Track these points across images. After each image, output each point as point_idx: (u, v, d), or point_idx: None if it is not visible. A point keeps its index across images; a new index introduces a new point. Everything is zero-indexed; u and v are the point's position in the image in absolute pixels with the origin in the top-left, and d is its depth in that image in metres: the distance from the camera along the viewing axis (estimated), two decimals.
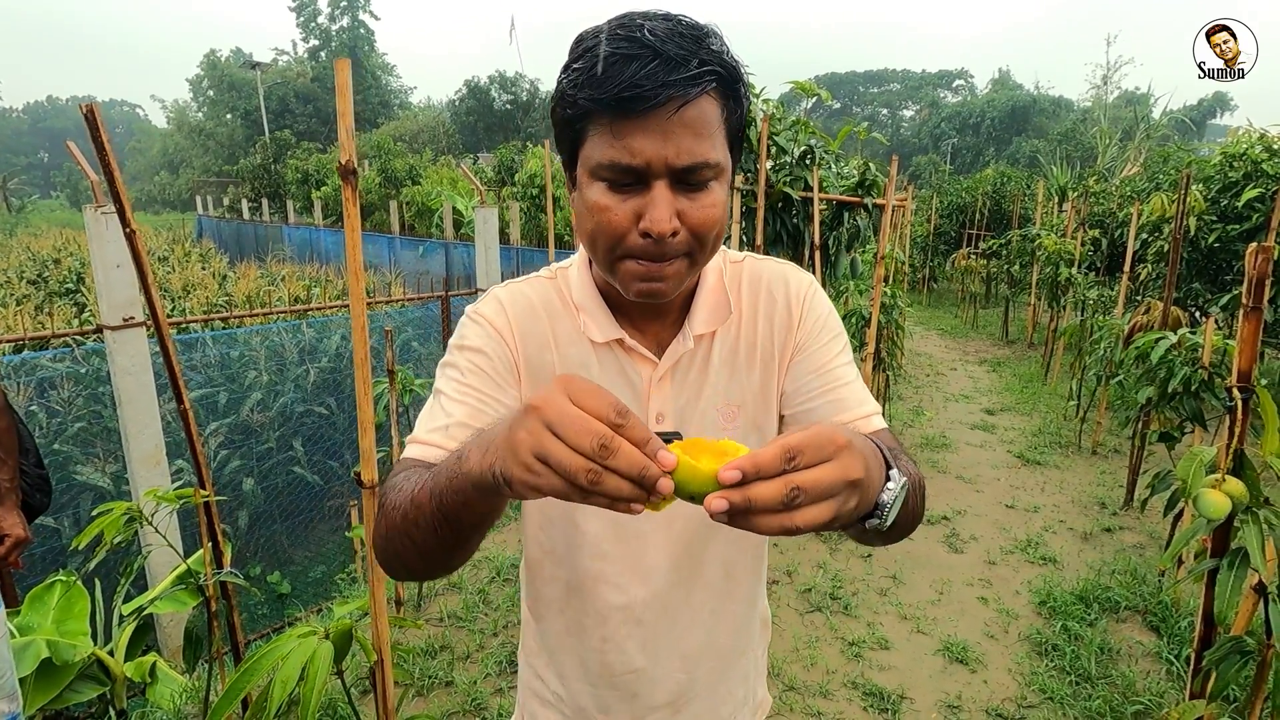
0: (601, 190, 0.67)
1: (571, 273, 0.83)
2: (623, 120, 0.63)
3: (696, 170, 0.65)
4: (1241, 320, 1.43)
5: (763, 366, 0.84)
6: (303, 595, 4.58)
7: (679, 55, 0.62)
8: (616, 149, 0.64)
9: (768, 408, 0.85)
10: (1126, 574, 3.25)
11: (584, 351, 0.81)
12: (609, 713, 0.91)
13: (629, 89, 0.61)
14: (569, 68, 0.66)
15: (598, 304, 0.80)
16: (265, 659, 1.21)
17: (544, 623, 0.93)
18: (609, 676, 0.89)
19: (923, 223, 13.50)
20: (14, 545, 1.50)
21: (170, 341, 1.76)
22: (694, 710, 0.93)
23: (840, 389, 0.81)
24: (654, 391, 0.81)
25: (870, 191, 4.26)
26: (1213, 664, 1.48)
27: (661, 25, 0.63)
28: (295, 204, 23.24)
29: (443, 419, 0.74)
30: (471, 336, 0.79)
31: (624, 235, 0.68)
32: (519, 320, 0.80)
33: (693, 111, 0.63)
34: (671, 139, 0.63)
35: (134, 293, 3.03)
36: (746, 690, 0.99)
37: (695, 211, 0.67)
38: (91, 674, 2.01)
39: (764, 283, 0.84)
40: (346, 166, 1.05)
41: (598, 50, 0.63)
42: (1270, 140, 5.49)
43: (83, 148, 2.17)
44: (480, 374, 0.77)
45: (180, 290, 8.53)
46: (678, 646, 0.88)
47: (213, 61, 46.05)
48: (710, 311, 0.81)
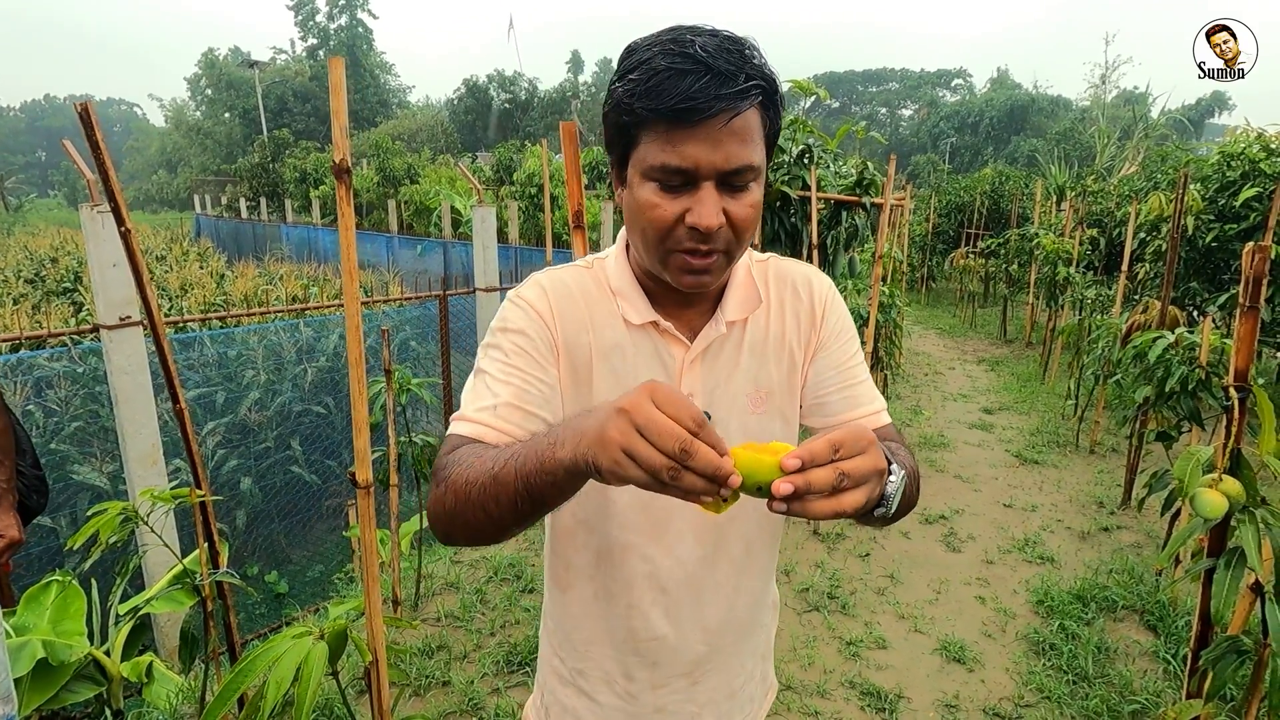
0: (653, 190, 0.74)
1: (609, 262, 0.89)
2: (677, 129, 0.70)
3: (741, 173, 0.73)
4: (1238, 319, 1.43)
5: (789, 358, 0.91)
6: (300, 595, 4.58)
7: (728, 70, 0.69)
8: (669, 154, 0.71)
9: (792, 398, 0.92)
10: (1124, 573, 3.25)
11: (619, 334, 0.86)
12: (632, 679, 0.96)
13: (684, 101, 0.68)
14: (624, 77, 0.73)
15: (635, 290, 0.86)
16: (260, 659, 1.20)
17: (571, 591, 0.96)
18: (633, 643, 0.93)
19: (921, 222, 13.50)
20: (8, 546, 1.49)
21: (165, 340, 1.76)
22: (710, 682, 0.98)
23: (856, 386, 0.91)
24: (686, 372, 0.86)
25: (868, 191, 4.25)
26: (1209, 663, 1.48)
27: (711, 41, 0.70)
28: (293, 203, 23.21)
29: (489, 399, 0.80)
30: (514, 319, 0.84)
31: (672, 230, 0.75)
32: (558, 303, 0.85)
33: (739, 121, 0.70)
34: (720, 146, 0.70)
35: (131, 292, 3.02)
36: (755, 665, 1.04)
37: (737, 210, 0.74)
38: (88, 674, 2.01)
39: (789, 281, 0.92)
40: (340, 165, 1.05)
41: (653, 63, 0.70)
42: (1268, 140, 5.50)
43: (79, 146, 2.16)
44: (523, 354, 0.82)
45: (178, 289, 8.52)
46: (700, 617, 0.93)
47: (211, 60, 45.94)
48: (741, 300, 0.88)
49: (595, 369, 0.86)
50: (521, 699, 2.43)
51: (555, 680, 1.02)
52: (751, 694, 1.05)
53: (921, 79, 62.72)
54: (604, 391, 0.85)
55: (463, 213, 15.70)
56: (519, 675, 2.55)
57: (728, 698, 1.00)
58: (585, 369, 0.86)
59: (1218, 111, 38.35)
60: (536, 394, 0.81)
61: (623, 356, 0.86)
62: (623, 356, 0.86)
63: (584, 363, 0.86)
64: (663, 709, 0.97)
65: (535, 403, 0.81)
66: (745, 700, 1.04)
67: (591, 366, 0.86)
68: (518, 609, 2.96)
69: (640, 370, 0.86)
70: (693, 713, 0.98)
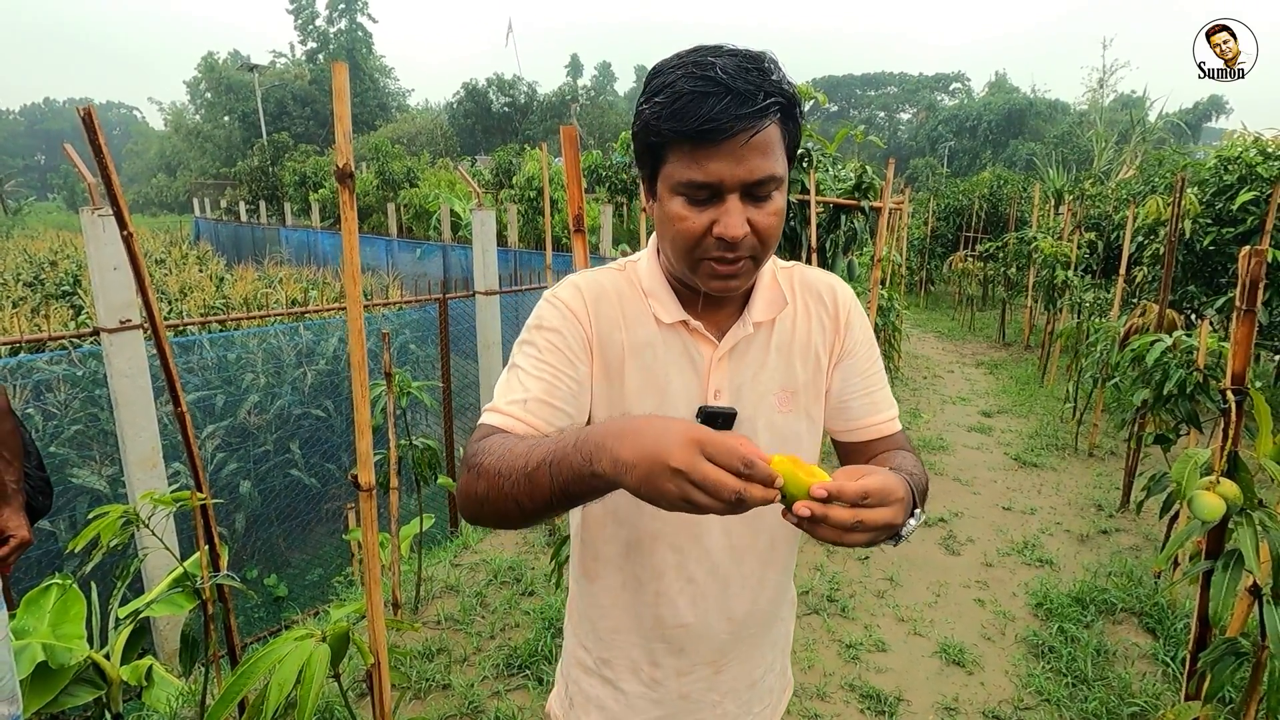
0: (681, 203, 0.79)
1: (641, 265, 0.94)
2: (701, 147, 0.75)
3: (764, 184, 0.77)
4: (1236, 323, 1.44)
5: (814, 360, 0.95)
6: (299, 598, 4.58)
7: (747, 90, 0.73)
8: (695, 170, 0.76)
9: (817, 399, 0.96)
10: (1123, 576, 3.26)
11: (651, 332, 0.90)
12: (658, 666, 0.99)
13: (707, 123, 0.72)
14: (651, 100, 0.78)
15: (666, 291, 0.90)
16: (262, 662, 1.21)
17: (599, 581, 1.00)
18: (660, 630, 0.97)
19: (920, 225, 13.52)
20: (18, 547, 1.50)
21: (167, 344, 1.76)
22: (732, 670, 1.01)
23: (876, 393, 0.97)
24: (714, 370, 0.90)
25: (867, 194, 4.27)
26: (1208, 666, 1.48)
27: (730, 62, 0.74)
28: (293, 206, 23.22)
29: (520, 393, 0.84)
30: (549, 318, 0.89)
31: (700, 240, 0.80)
32: (593, 302, 0.90)
33: (760, 137, 0.75)
34: (743, 162, 0.75)
35: (131, 295, 3.02)
36: (776, 657, 1.08)
37: (762, 219, 0.79)
38: (87, 677, 2.01)
39: (813, 288, 0.96)
40: (343, 170, 1.05)
41: (677, 86, 0.74)
42: (1265, 144, 5.51)
43: (80, 150, 2.17)
44: (556, 351, 0.87)
45: (177, 292, 8.52)
46: (726, 607, 0.97)
47: (210, 64, 45.99)
48: (768, 302, 0.92)
49: (627, 365, 0.90)
50: (522, 702, 2.43)
51: (580, 671, 1.05)
52: (771, 685, 1.08)
53: (920, 83, 62.84)
54: (635, 387, 0.90)
55: (462, 216, 15.71)
56: (519, 679, 2.55)
57: (749, 687, 1.04)
58: (618, 365, 0.90)
59: (1215, 115, 38.44)
60: (565, 390, 0.86)
61: (654, 354, 0.90)
62: (654, 354, 0.90)
63: (616, 359, 0.90)
64: (687, 696, 1.00)
65: (563, 398, 0.85)
66: (765, 691, 1.07)
67: (624, 363, 0.90)
68: (517, 612, 2.96)
69: (670, 367, 0.90)
70: (715, 701, 1.02)
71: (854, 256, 4.65)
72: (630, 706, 1.01)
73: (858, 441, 0.97)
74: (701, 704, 1.01)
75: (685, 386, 0.90)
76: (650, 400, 0.89)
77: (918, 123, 54.69)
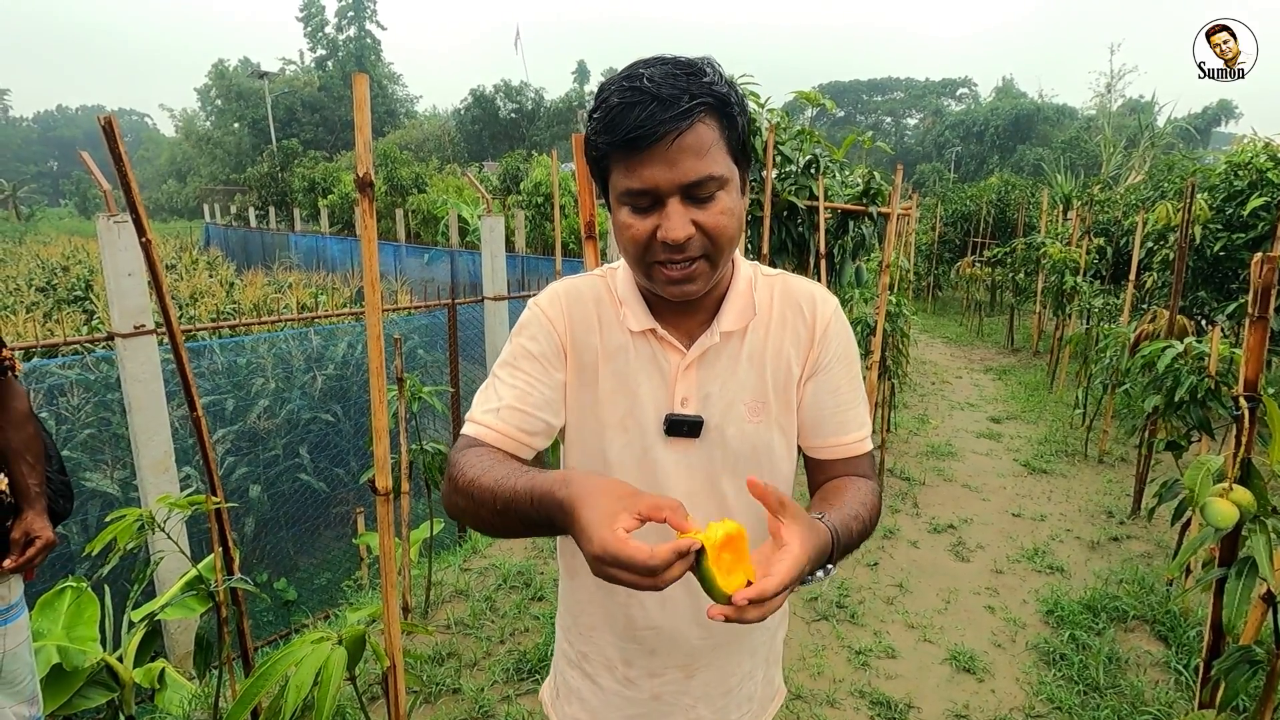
0: (627, 213, 0.81)
1: (619, 272, 0.96)
2: (633, 156, 0.77)
3: (702, 184, 0.78)
4: (1247, 329, 1.44)
5: (785, 372, 0.94)
6: (308, 602, 4.59)
7: (671, 95, 0.75)
8: (632, 179, 0.78)
9: (788, 410, 0.95)
10: (1134, 583, 3.24)
11: (623, 338, 0.92)
12: (631, 665, 1.01)
13: (634, 130, 0.75)
14: (591, 116, 0.80)
15: (637, 299, 0.92)
16: (278, 665, 1.22)
17: (578, 578, 1.02)
18: (631, 630, 0.99)
19: (927, 231, 13.50)
20: (43, 548, 1.53)
21: (183, 349, 1.78)
22: (705, 676, 1.02)
23: (848, 412, 0.95)
24: (680, 377, 0.92)
25: (875, 200, 4.27)
26: (1221, 674, 1.48)
27: (658, 71, 0.76)
28: (302, 212, 23.35)
29: (495, 402, 0.88)
30: (528, 325, 0.93)
31: (648, 245, 0.81)
32: (570, 307, 0.93)
33: (690, 138, 0.76)
34: (676, 164, 0.76)
35: (145, 300, 3.05)
36: (754, 666, 1.07)
37: (708, 219, 0.79)
38: (101, 680, 2.03)
39: (792, 299, 0.95)
40: (364, 179, 1.07)
41: (609, 101, 0.77)
42: (1275, 149, 5.49)
43: (94, 156, 2.20)
44: (530, 359, 0.90)
45: (188, 298, 8.58)
46: (695, 611, 0.97)
47: (221, 71, 46.34)
48: (738, 312, 0.92)
49: (600, 370, 0.93)
50: (531, 707, 2.43)
51: (565, 663, 1.09)
52: (750, 694, 1.08)
53: (926, 88, 62.76)
54: (608, 391, 0.92)
55: (470, 222, 15.77)
56: (529, 683, 2.56)
57: (723, 694, 1.04)
58: (591, 369, 0.92)
59: (1224, 120, 38.25)
60: (539, 397, 0.89)
61: (625, 360, 0.92)
62: (625, 360, 0.92)
63: (590, 363, 0.93)
64: (659, 697, 1.02)
65: (535, 404, 0.88)
66: (743, 699, 1.07)
67: (598, 367, 0.92)
68: (527, 617, 2.97)
69: (640, 374, 0.92)
70: (688, 705, 1.03)
71: (862, 262, 4.64)
72: (607, 702, 1.04)
73: (821, 459, 0.96)
74: (675, 706, 1.02)
75: (653, 393, 0.91)
76: (621, 405, 0.92)
77: (925, 128, 54.58)
